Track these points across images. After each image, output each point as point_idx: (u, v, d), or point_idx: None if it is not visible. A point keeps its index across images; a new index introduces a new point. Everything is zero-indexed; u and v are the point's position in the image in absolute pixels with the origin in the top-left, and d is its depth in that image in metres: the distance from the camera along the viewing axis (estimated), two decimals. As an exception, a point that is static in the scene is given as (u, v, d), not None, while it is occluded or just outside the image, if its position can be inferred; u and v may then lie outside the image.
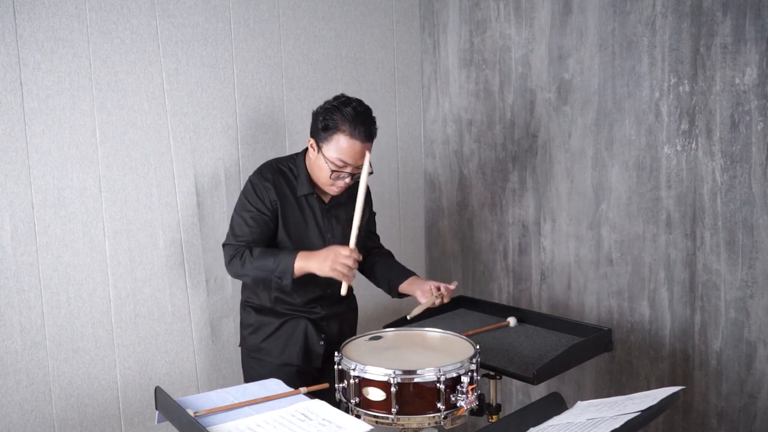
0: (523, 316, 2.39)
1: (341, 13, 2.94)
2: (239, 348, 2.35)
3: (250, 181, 2.17)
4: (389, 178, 3.18)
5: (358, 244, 2.08)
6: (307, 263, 2.01)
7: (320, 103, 2.14)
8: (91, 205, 2.35)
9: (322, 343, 2.23)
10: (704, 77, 2.33)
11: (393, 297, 2.34)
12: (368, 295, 2.61)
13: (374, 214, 2.46)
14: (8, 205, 2.19)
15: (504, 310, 2.45)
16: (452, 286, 2.19)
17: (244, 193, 2.17)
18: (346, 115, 2.03)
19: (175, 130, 2.51)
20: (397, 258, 2.47)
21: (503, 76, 2.93)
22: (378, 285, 2.39)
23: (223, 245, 2.16)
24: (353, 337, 1.99)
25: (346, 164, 2.06)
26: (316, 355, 2.23)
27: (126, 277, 2.43)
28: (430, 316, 2.47)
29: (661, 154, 2.46)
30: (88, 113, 2.32)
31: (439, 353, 1.86)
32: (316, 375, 2.26)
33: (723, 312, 2.37)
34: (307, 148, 2.20)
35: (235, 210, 2.18)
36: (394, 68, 3.16)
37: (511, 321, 2.36)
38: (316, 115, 2.11)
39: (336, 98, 2.10)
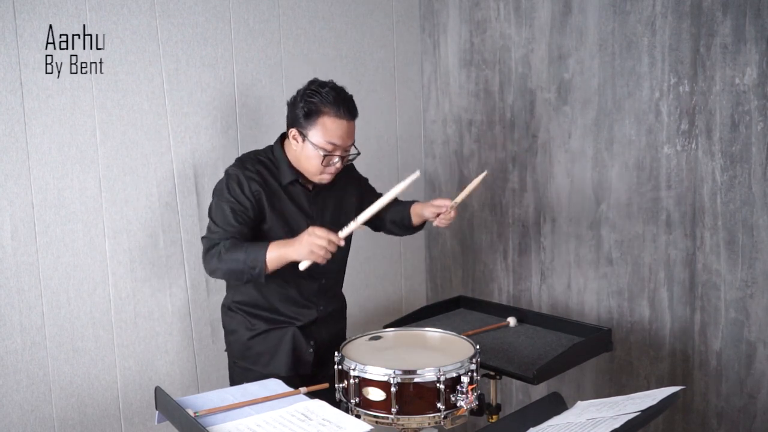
0: (523, 316, 2.39)
1: (341, 13, 2.94)
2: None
3: (228, 172, 2.09)
4: (389, 178, 3.18)
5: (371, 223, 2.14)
6: (285, 250, 1.94)
7: None
8: (91, 205, 2.35)
9: (311, 350, 2.17)
10: (704, 77, 2.33)
11: (413, 233, 2.40)
12: (368, 295, 2.62)
13: (366, 180, 2.44)
14: (8, 205, 2.19)
15: (504, 310, 2.45)
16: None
17: (224, 183, 2.08)
18: (327, 96, 2.01)
19: (175, 130, 2.51)
20: (397, 258, 2.46)
21: (503, 76, 2.93)
22: (397, 233, 2.43)
23: (202, 238, 2.08)
24: (353, 337, 1.98)
25: (335, 146, 2.03)
26: (305, 363, 2.17)
27: (126, 277, 2.43)
28: (430, 316, 2.47)
29: (661, 154, 2.46)
30: (88, 113, 2.32)
31: (439, 353, 1.86)
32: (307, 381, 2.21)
33: (723, 312, 2.37)
34: (280, 139, 2.16)
35: (214, 201, 2.09)
36: (394, 68, 3.16)
37: (511, 321, 2.36)
38: (293, 104, 2.07)
39: (310, 83, 2.07)
